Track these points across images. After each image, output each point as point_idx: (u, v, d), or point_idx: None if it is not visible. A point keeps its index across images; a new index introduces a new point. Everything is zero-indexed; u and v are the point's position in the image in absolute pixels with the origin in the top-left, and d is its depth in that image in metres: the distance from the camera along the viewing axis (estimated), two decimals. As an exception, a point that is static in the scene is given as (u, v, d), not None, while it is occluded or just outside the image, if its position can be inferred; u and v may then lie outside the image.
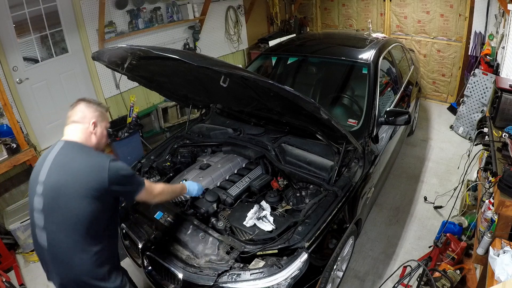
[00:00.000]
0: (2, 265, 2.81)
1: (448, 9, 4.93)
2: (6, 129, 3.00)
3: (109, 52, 1.98)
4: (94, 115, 1.59)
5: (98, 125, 1.60)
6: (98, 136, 1.60)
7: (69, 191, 1.40)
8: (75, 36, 3.80)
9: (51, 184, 1.43)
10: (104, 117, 1.66)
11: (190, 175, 2.37)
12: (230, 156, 2.58)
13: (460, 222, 2.70)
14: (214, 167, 2.44)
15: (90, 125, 1.56)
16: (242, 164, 2.53)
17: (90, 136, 1.57)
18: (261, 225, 1.94)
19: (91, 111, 1.59)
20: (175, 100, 2.98)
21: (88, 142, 1.56)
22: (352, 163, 2.27)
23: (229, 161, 2.50)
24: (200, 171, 2.40)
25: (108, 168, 1.42)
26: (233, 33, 5.77)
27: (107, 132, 1.69)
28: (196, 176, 2.32)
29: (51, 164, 1.46)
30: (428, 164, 3.96)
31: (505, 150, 2.09)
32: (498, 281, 1.53)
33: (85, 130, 1.56)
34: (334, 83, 3.16)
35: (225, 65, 1.64)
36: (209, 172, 2.37)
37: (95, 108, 1.61)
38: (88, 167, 1.43)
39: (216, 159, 2.53)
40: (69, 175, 1.42)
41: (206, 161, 2.55)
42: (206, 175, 2.34)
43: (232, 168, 2.48)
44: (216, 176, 2.35)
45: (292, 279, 1.67)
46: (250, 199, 2.20)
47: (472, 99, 4.22)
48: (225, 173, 2.41)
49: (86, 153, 1.49)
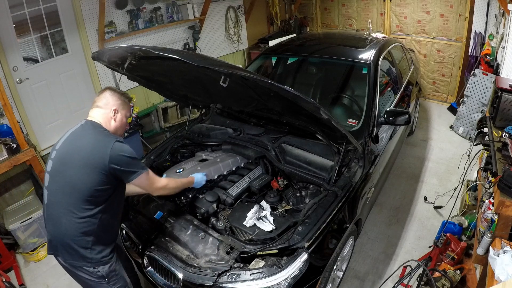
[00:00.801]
0: (2, 265, 2.80)
1: (448, 9, 4.93)
2: (6, 129, 3.00)
3: (109, 52, 1.98)
4: (117, 103, 1.74)
5: (119, 112, 1.75)
6: (117, 122, 1.75)
7: (75, 159, 1.57)
8: (75, 36, 3.80)
9: (61, 151, 1.64)
10: (126, 106, 1.79)
11: (188, 165, 2.35)
12: (230, 154, 2.56)
13: (460, 222, 2.70)
14: (213, 161, 2.42)
15: (111, 111, 1.72)
16: (241, 163, 2.51)
17: (110, 121, 1.72)
18: (261, 225, 1.94)
19: (114, 99, 1.74)
20: (175, 100, 2.98)
21: (107, 126, 1.71)
22: (352, 163, 2.27)
23: (228, 157, 2.49)
24: (198, 163, 2.39)
25: (111, 146, 1.55)
26: (233, 33, 5.77)
27: (126, 120, 1.82)
28: (193, 167, 2.30)
29: (68, 136, 1.67)
30: (428, 164, 3.96)
31: (505, 150, 2.09)
32: (498, 281, 1.53)
33: (106, 115, 1.71)
34: (334, 83, 3.16)
35: (225, 65, 1.64)
36: (208, 164, 2.36)
37: (118, 97, 1.76)
38: (95, 142, 1.58)
39: (215, 155, 2.53)
40: (77, 146, 1.60)
41: (205, 156, 2.54)
42: (204, 166, 2.32)
43: (231, 165, 2.45)
44: (215, 169, 2.33)
45: (292, 279, 1.67)
46: (250, 199, 2.19)
47: (472, 99, 4.22)
48: (224, 168, 2.39)
49: (98, 131, 1.63)
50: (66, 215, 1.56)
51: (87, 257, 1.60)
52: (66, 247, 1.59)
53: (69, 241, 1.58)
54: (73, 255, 1.61)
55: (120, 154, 1.57)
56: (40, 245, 3.00)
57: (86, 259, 1.61)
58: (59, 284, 2.68)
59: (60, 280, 2.70)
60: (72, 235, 1.57)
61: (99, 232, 1.61)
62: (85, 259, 1.61)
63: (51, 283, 2.73)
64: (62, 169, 1.60)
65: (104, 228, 1.64)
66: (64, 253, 1.63)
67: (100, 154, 1.54)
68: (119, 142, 1.60)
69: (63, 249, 1.61)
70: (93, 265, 1.62)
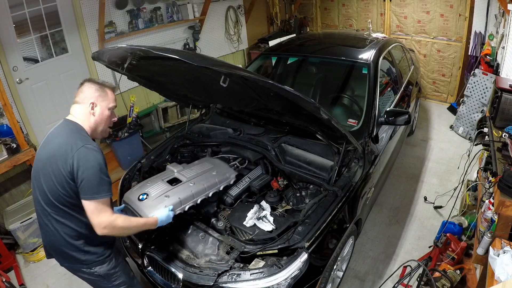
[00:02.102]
0: (2, 265, 2.80)
1: (448, 9, 4.93)
2: (6, 129, 3.00)
3: (109, 52, 1.98)
4: (94, 96, 1.60)
5: (98, 105, 1.61)
6: (97, 116, 1.61)
7: (46, 167, 1.50)
8: (75, 36, 3.80)
9: (38, 156, 1.59)
10: (106, 97, 1.64)
11: (154, 189, 1.97)
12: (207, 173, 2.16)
13: (460, 222, 2.70)
14: (185, 185, 2.02)
15: (89, 105, 1.59)
16: (219, 187, 2.14)
17: (89, 117, 1.60)
18: (261, 225, 1.94)
19: (91, 91, 1.61)
20: (175, 100, 2.98)
21: (86, 122, 1.60)
22: (352, 163, 2.27)
23: (204, 180, 2.08)
24: (166, 187, 2.00)
25: (76, 151, 1.45)
26: (233, 33, 5.77)
27: (110, 112, 1.67)
28: (160, 193, 1.93)
29: (44, 140, 1.60)
30: (428, 164, 3.96)
31: (505, 150, 2.09)
32: (498, 281, 1.53)
33: (84, 110, 1.60)
34: (334, 83, 3.16)
35: (225, 65, 1.64)
36: (178, 190, 1.97)
37: (96, 88, 1.62)
38: (63, 146, 1.48)
39: (189, 174, 2.12)
40: (48, 150, 1.52)
41: (176, 173, 2.15)
42: (173, 194, 1.94)
43: (207, 189, 2.05)
44: (185, 198, 1.94)
45: (292, 279, 1.67)
46: (250, 199, 2.19)
47: (472, 99, 4.22)
48: (197, 195, 2.00)
49: (69, 133, 1.53)
50: (51, 222, 1.53)
51: (81, 259, 1.59)
52: (59, 252, 1.59)
53: (60, 247, 1.56)
54: (67, 259, 1.60)
55: (83, 161, 1.42)
56: (40, 245, 3.00)
57: (81, 261, 1.60)
58: (59, 284, 2.68)
59: (60, 280, 2.70)
60: (62, 241, 1.55)
61: (88, 234, 1.57)
62: (80, 262, 1.60)
63: (51, 283, 2.73)
64: (37, 177, 1.54)
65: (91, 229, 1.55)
66: (59, 257, 1.63)
67: (64, 160, 1.44)
68: (86, 149, 1.45)
69: (57, 254, 1.61)
70: (89, 266, 1.61)
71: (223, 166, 2.30)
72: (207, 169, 2.20)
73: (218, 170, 2.22)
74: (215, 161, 2.36)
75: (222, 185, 2.16)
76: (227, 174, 2.20)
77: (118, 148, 3.90)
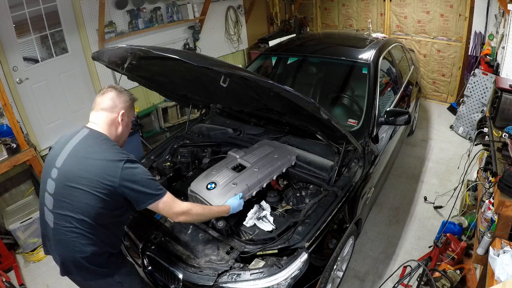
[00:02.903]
0: (2, 265, 2.81)
1: (448, 9, 4.93)
2: (6, 129, 3.00)
3: (109, 52, 1.98)
4: (125, 106, 1.57)
5: (126, 116, 1.58)
6: (123, 127, 1.59)
7: (81, 184, 1.40)
8: (75, 36, 3.80)
9: (65, 172, 1.44)
10: (132, 108, 1.64)
11: (220, 177, 2.06)
12: (269, 156, 2.21)
13: (460, 222, 2.70)
14: (250, 170, 2.09)
15: (119, 116, 1.55)
16: (282, 169, 2.20)
17: (117, 126, 1.56)
18: (261, 225, 1.94)
19: (121, 101, 1.56)
20: (175, 100, 2.98)
21: (112, 132, 1.55)
22: (352, 163, 2.27)
23: (267, 164, 2.14)
24: (232, 174, 2.08)
25: (121, 168, 1.41)
26: (233, 33, 5.77)
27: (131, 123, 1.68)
28: (227, 181, 2.02)
29: (70, 152, 1.47)
30: (428, 164, 3.96)
31: (505, 150, 2.09)
32: (498, 281, 1.53)
33: (113, 120, 1.54)
34: (334, 83, 3.15)
35: (225, 65, 1.63)
36: (244, 177, 2.05)
37: (125, 99, 1.58)
38: (104, 164, 1.42)
39: (252, 159, 2.19)
40: (84, 168, 1.42)
41: (239, 159, 2.22)
42: (240, 181, 2.02)
43: (271, 173, 2.12)
44: (252, 184, 2.02)
45: (292, 279, 1.66)
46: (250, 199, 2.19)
47: (472, 99, 4.22)
48: (262, 180, 2.07)
49: (106, 148, 1.47)
50: (79, 239, 1.45)
51: (104, 272, 1.55)
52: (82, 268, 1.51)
53: (85, 263, 1.48)
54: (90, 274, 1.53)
55: (131, 176, 1.42)
56: (40, 245, 3.00)
57: (103, 274, 1.55)
58: (59, 284, 2.68)
59: (60, 280, 2.69)
60: (88, 258, 1.48)
61: (112, 249, 1.57)
62: (102, 274, 1.55)
63: (51, 283, 2.73)
64: (68, 194, 1.43)
65: (117, 242, 1.61)
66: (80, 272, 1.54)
67: (110, 177, 1.40)
68: (130, 163, 1.44)
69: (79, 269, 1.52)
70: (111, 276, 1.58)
71: (283, 147, 2.33)
72: (268, 152, 2.25)
73: (279, 152, 2.25)
74: (274, 143, 2.39)
75: (284, 167, 2.20)
76: (288, 156, 2.22)
77: (118, 148, 3.90)
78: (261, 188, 2.09)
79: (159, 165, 2.51)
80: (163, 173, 2.49)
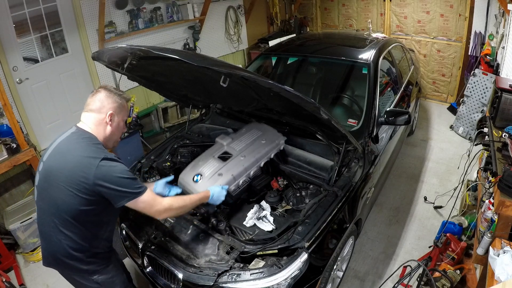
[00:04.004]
0: (2, 265, 2.80)
1: (448, 9, 4.93)
2: (6, 129, 3.00)
3: (109, 52, 1.98)
4: (113, 106, 1.56)
5: (116, 116, 1.58)
6: (113, 127, 1.58)
7: (58, 178, 1.44)
8: (75, 36, 3.80)
9: (47, 166, 1.50)
10: (123, 109, 1.62)
11: (206, 168, 2.08)
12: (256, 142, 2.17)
13: (460, 222, 2.70)
14: (236, 159, 2.07)
15: (107, 116, 1.55)
16: (270, 155, 2.17)
17: (105, 127, 1.56)
18: (261, 225, 1.94)
19: (110, 101, 1.56)
20: (175, 100, 2.98)
21: (100, 132, 1.56)
22: (352, 163, 2.27)
23: (254, 151, 2.12)
24: (218, 164, 2.09)
25: (97, 165, 1.40)
26: (233, 33, 5.77)
27: (124, 123, 1.66)
28: (213, 172, 2.05)
29: (55, 147, 1.52)
30: (428, 164, 3.96)
31: (505, 150, 2.09)
32: (498, 281, 1.53)
33: (100, 121, 1.55)
34: (334, 83, 3.15)
35: (225, 65, 1.63)
36: (230, 166, 2.06)
37: (114, 99, 1.57)
38: (79, 160, 1.43)
39: (238, 146, 2.17)
40: (62, 163, 1.45)
41: (226, 146, 2.22)
42: (226, 171, 2.02)
43: (258, 160, 2.08)
44: (238, 173, 2.03)
45: (292, 279, 1.67)
46: (250, 199, 2.19)
47: (472, 99, 4.22)
48: (249, 168, 2.05)
49: (86, 146, 1.48)
50: (56, 233, 1.49)
51: (84, 269, 1.57)
52: (60, 262, 1.55)
53: (62, 257, 1.53)
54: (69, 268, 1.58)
55: (107, 173, 1.41)
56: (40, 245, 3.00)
57: (82, 271, 1.58)
58: (59, 284, 2.67)
59: (60, 280, 2.66)
60: (65, 253, 1.52)
61: (91, 247, 1.56)
62: (81, 271, 1.58)
63: (51, 283, 2.73)
64: (46, 187, 1.48)
65: (97, 241, 1.59)
66: (59, 267, 1.60)
67: (84, 174, 1.39)
68: (106, 160, 1.43)
69: (57, 263, 1.58)
70: (90, 274, 1.60)
71: (271, 131, 2.29)
72: (256, 137, 2.21)
73: (266, 137, 2.22)
74: (263, 126, 2.35)
75: (272, 153, 2.18)
76: (276, 141, 2.19)
77: (118, 148, 3.85)
78: (248, 176, 2.08)
79: (159, 165, 2.51)
80: (163, 173, 2.49)
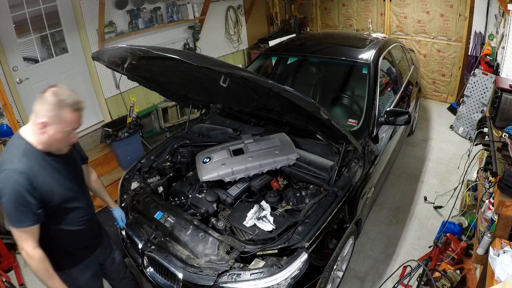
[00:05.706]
0: (2, 265, 2.80)
1: (448, 9, 4.93)
2: (6, 129, 3.00)
3: (109, 52, 1.98)
4: (48, 115, 1.36)
5: (50, 126, 1.37)
6: (50, 136, 1.39)
7: None
8: (75, 36, 3.80)
9: None
10: (61, 120, 1.38)
11: (217, 155, 2.31)
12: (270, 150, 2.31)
13: (460, 222, 2.70)
14: (243, 157, 2.28)
15: (39, 123, 1.36)
16: (276, 166, 2.29)
17: (39, 134, 1.39)
18: (261, 225, 1.94)
19: (46, 109, 1.36)
20: (175, 100, 2.98)
21: (36, 137, 1.41)
22: (352, 163, 2.27)
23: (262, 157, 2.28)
24: (227, 156, 2.30)
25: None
26: (233, 33, 5.77)
27: (69, 135, 1.45)
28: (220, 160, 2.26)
29: None
30: (428, 164, 3.96)
31: (505, 150, 2.09)
32: (498, 281, 1.53)
33: (35, 126, 1.39)
34: (334, 83, 3.15)
35: (225, 65, 1.64)
36: (235, 161, 2.26)
37: (52, 107, 1.35)
38: None
39: (254, 147, 2.37)
40: None
41: (244, 144, 2.40)
42: (229, 163, 2.24)
43: (261, 166, 2.27)
44: (237, 170, 2.22)
45: (292, 279, 1.67)
46: (250, 199, 2.20)
47: (472, 99, 4.22)
48: (250, 169, 2.25)
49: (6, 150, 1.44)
50: None
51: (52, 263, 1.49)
52: None
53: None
54: None
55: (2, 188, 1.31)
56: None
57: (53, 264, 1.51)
58: (59, 284, 2.68)
59: (60, 280, 2.69)
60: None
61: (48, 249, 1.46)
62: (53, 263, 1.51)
63: (51, 283, 2.72)
64: None
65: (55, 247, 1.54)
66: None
67: None
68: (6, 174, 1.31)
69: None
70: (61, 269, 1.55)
71: (289, 146, 2.38)
72: (272, 146, 2.36)
73: (281, 149, 2.33)
74: (286, 139, 2.45)
75: (279, 165, 2.29)
76: (287, 156, 2.29)
77: (118, 148, 3.90)
78: (246, 176, 2.25)
79: (159, 165, 2.51)
80: (163, 173, 2.49)
